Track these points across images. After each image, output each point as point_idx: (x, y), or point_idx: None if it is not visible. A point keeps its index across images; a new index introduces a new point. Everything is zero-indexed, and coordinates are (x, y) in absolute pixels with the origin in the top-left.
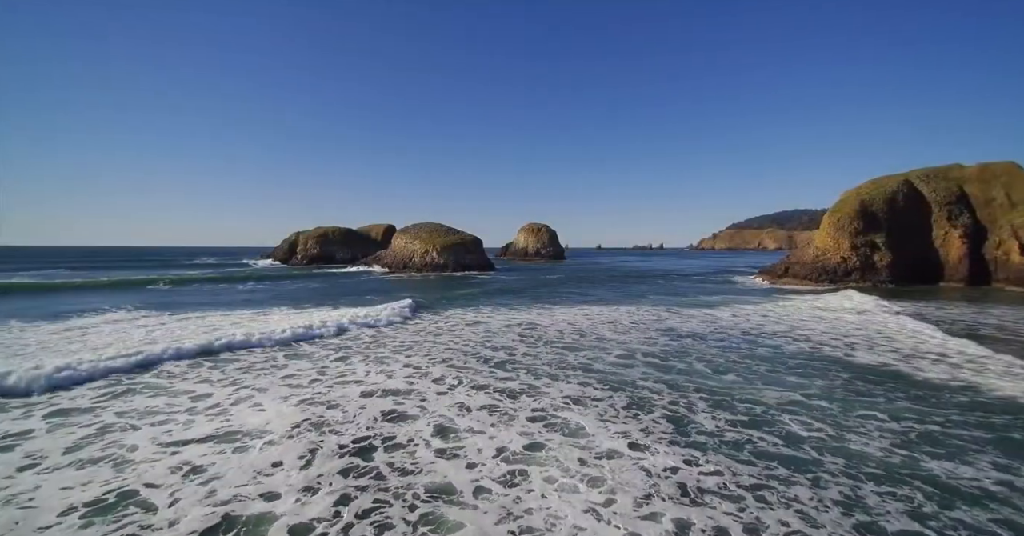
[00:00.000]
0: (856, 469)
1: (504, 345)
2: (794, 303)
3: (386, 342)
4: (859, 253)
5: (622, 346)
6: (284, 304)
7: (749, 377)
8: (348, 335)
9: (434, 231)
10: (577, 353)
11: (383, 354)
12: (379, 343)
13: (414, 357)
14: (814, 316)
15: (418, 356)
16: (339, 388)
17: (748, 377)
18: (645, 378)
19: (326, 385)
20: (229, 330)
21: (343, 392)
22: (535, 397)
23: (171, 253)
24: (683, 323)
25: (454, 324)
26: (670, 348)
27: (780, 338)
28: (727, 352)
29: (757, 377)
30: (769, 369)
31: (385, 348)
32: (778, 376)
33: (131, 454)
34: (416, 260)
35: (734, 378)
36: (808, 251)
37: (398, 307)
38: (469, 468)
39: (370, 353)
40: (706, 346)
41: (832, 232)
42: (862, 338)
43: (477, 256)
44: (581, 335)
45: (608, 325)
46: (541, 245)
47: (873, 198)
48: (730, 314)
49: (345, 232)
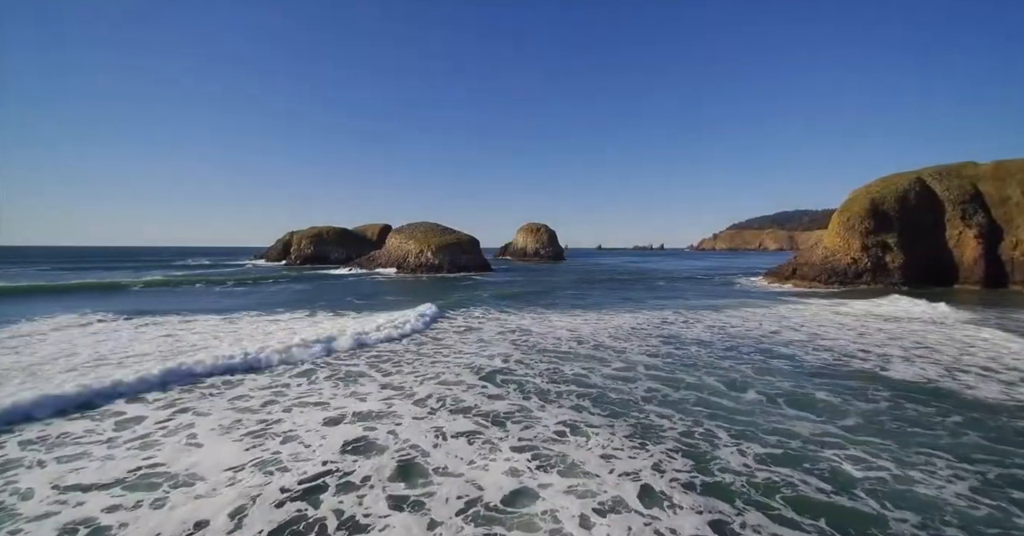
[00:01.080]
0: (935, 527)
1: (496, 356)
2: (809, 308)
3: (360, 354)
4: (870, 254)
5: (622, 356)
6: (257, 309)
7: (773, 396)
8: (313, 352)
9: (429, 231)
10: (574, 364)
11: (354, 369)
12: (353, 355)
13: (393, 375)
14: (836, 323)
15: (395, 372)
16: (297, 413)
17: (771, 396)
18: (650, 397)
19: (282, 408)
20: (185, 344)
21: (301, 420)
22: (525, 423)
23: (168, 253)
24: (688, 329)
25: (440, 332)
26: (676, 359)
27: (798, 347)
28: (741, 364)
29: (782, 396)
30: (794, 385)
31: (359, 359)
32: (807, 395)
33: (19, 504)
34: (410, 261)
35: (755, 397)
36: (816, 252)
37: (394, 317)
38: (431, 529)
39: (340, 367)
40: (716, 357)
41: (842, 232)
42: (898, 348)
43: (474, 256)
44: (579, 342)
45: (608, 331)
46: (540, 245)
47: (884, 197)
48: (739, 319)
49: (340, 232)
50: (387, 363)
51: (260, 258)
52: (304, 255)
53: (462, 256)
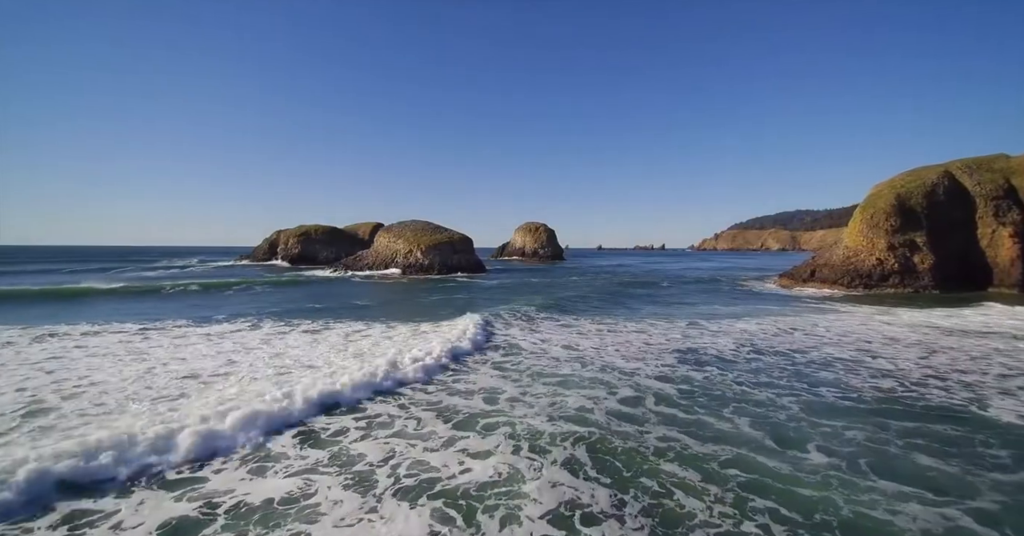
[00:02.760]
0: None
1: (478, 387)
2: (842, 316)
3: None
4: (897, 254)
5: (631, 380)
6: (182, 318)
7: (846, 455)
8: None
9: (419, 229)
10: (575, 394)
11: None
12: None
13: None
14: (883, 336)
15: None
16: None
17: (843, 455)
18: (666, 449)
19: None
20: None
21: None
22: (503, 504)
23: (156, 253)
24: (707, 343)
25: (397, 342)
26: (696, 387)
27: (847, 370)
28: (782, 396)
29: (861, 455)
30: (870, 435)
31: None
32: (898, 456)
33: None
34: (399, 260)
35: (820, 459)
36: (836, 252)
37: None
38: None
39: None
40: (747, 384)
41: (865, 230)
42: (986, 375)
43: (466, 256)
44: (581, 363)
45: (615, 347)
46: (539, 245)
47: (910, 192)
48: (765, 330)
49: (329, 231)
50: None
51: (246, 258)
52: (291, 254)
53: (454, 256)
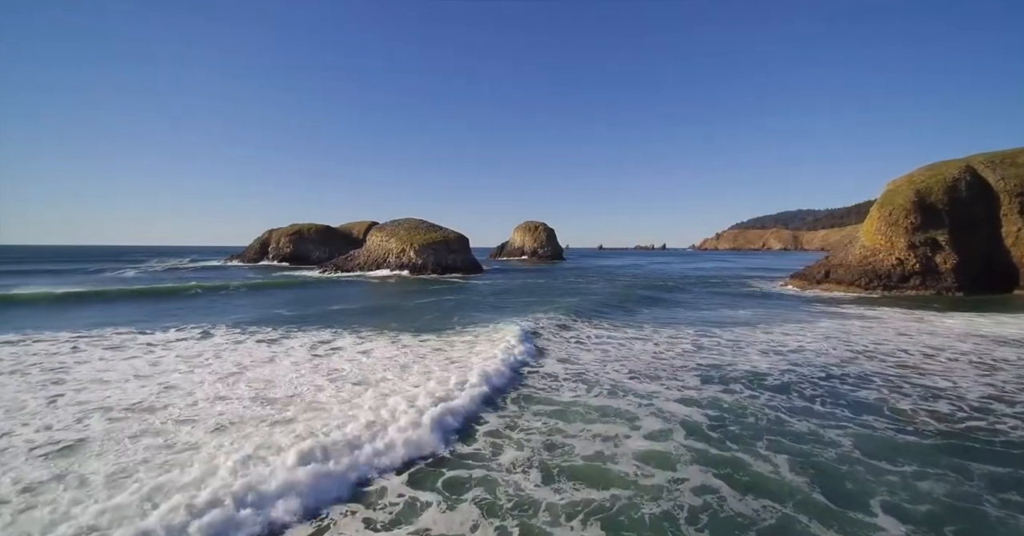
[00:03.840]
0: None
1: (459, 413)
2: (870, 323)
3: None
4: (918, 254)
5: (650, 408)
6: (128, 325)
7: (921, 516)
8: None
9: (413, 228)
10: (582, 429)
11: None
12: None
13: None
14: (924, 346)
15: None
16: None
17: (917, 515)
18: (703, 508)
19: None
20: None
21: None
22: None
23: (151, 253)
24: (730, 357)
25: (373, 367)
26: (726, 415)
27: (891, 388)
28: (826, 427)
29: (942, 515)
30: (951, 491)
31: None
32: (995, 518)
33: None
34: (391, 260)
35: (891, 527)
36: (852, 251)
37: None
38: None
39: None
40: (783, 409)
41: (883, 228)
42: None
43: (462, 256)
44: (585, 384)
45: (623, 362)
46: (538, 245)
47: (930, 187)
48: (791, 340)
49: (323, 230)
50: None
51: (236, 258)
52: (283, 254)
53: (449, 256)
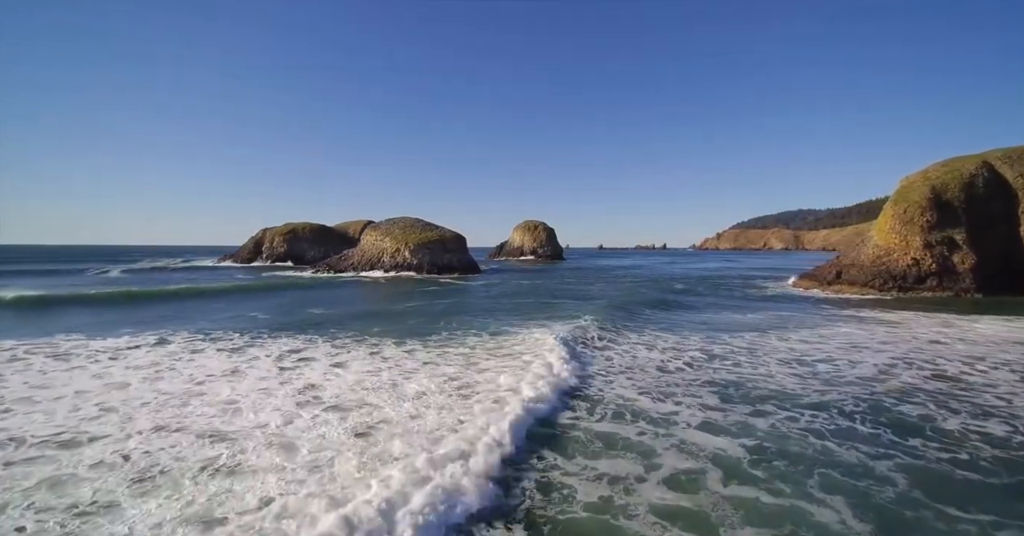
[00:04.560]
0: None
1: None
2: (895, 327)
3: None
4: (934, 253)
5: (669, 437)
6: (79, 332)
7: None
8: None
9: (408, 227)
10: (587, 469)
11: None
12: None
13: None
14: (964, 356)
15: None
16: None
17: None
18: None
19: None
20: None
21: None
22: None
23: (146, 253)
24: (749, 369)
25: (351, 385)
26: (761, 442)
27: (936, 404)
28: (876, 457)
29: None
30: None
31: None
32: None
33: None
34: (386, 260)
35: None
36: (865, 251)
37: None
38: None
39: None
40: (826, 434)
41: (898, 227)
42: None
43: (458, 256)
44: (588, 403)
45: (630, 375)
46: (538, 244)
47: (947, 184)
48: (814, 348)
49: (318, 229)
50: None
51: (229, 258)
52: (277, 254)
53: (445, 255)
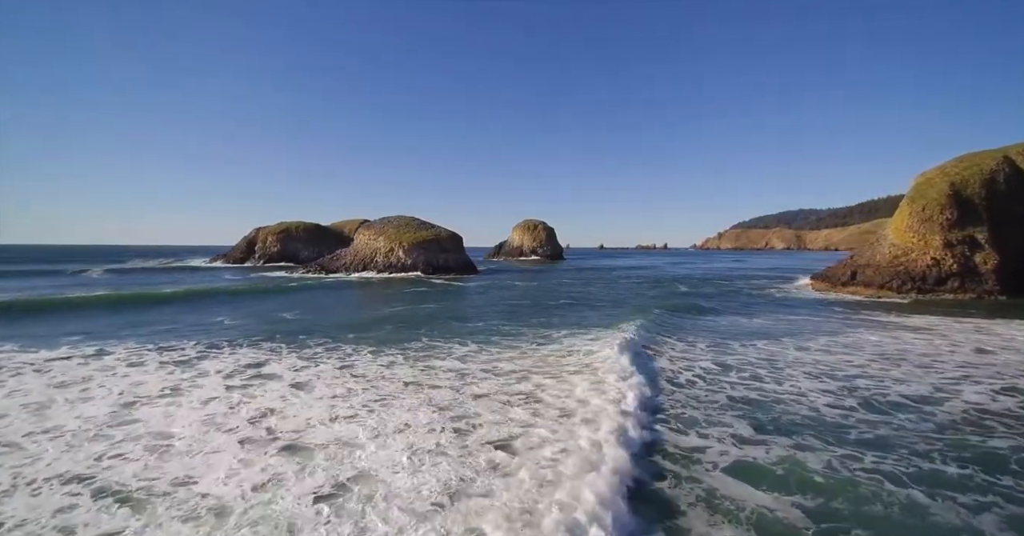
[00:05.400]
0: None
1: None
2: (927, 336)
3: None
4: (955, 253)
5: (694, 492)
6: (11, 342)
7: None
8: None
9: (403, 226)
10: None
11: None
12: None
13: None
14: (1014, 366)
15: None
16: None
17: None
18: None
19: None
20: None
21: None
22: None
23: (136, 253)
24: (772, 385)
25: (316, 413)
26: (837, 503)
27: (1020, 433)
28: (979, 509)
29: None
30: None
31: None
32: None
33: None
34: (379, 260)
35: None
36: (881, 250)
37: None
38: None
39: None
40: (910, 480)
41: (915, 225)
42: None
43: (454, 256)
44: (586, 437)
45: (636, 393)
46: (537, 244)
47: (966, 180)
48: (843, 360)
49: (312, 228)
50: None
51: (221, 258)
52: (269, 254)
53: (440, 255)
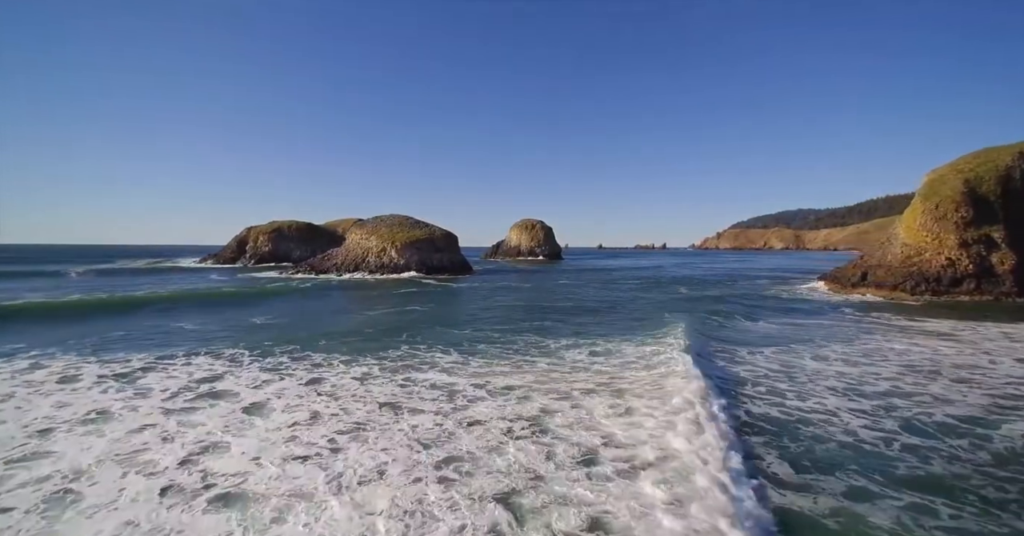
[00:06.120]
0: None
1: None
2: (955, 344)
3: None
4: (971, 253)
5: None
6: None
7: None
8: None
9: (396, 225)
10: None
11: None
12: None
13: None
14: None
15: None
16: None
17: None
18: None
19: None
20: None
21: None
22: None
23: (138, 253)
24: (795, 402)
25: (268, 445)
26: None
27: None
28: None
29: None
30: None
31: None
32: None
33: None
34: (371, 260)
35: None
36: (892, 250)
37: None
38: None
39: None
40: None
41: (929, 224)
42: None
43: (449, 255)
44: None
45: (638, 415)
46: (536, 243)
47: (981, 177)
48: (861, 371)
49: (304, 227)
50: None
51: (211, 258)
52: (261, 254)
53: (434, 255)
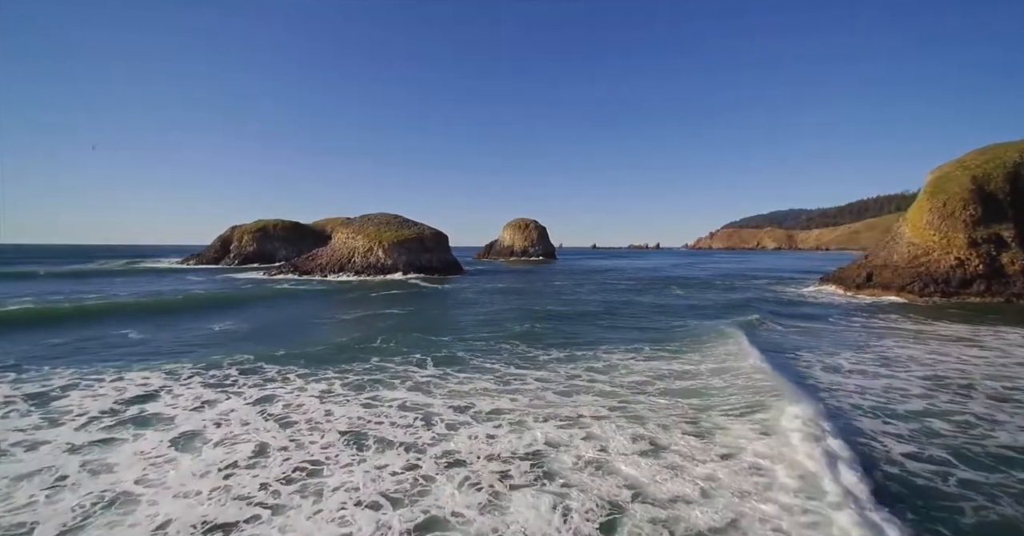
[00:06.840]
0: None
1: None
2: (978, 350)
3: None
4: (980, 253)
5: None
6: None
7: None
8: None
9: (383, 224)
10: None
11: None
12: None
13: None
14: None
15: None
16: None
17: None
18: None
19: None
20: None
21: None
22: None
23: (133, 253)
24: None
25: (196, 499)
26: None
27: None
28: None
29: None
30: None
31: None
32: None
33: None
34: (357, 260)
35: None
36: (898, 249)
37: None
38: None
39: None
40: None
41: (936, 222)
42: None
43: (439, 255)
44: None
45: (636, 454)
46: (529, 243)
47: (989, 174)
48: (879, 383)
49: (291, 226)
50: None
51: (193, 258)
52: (245, 254)
53: (423, 255)
